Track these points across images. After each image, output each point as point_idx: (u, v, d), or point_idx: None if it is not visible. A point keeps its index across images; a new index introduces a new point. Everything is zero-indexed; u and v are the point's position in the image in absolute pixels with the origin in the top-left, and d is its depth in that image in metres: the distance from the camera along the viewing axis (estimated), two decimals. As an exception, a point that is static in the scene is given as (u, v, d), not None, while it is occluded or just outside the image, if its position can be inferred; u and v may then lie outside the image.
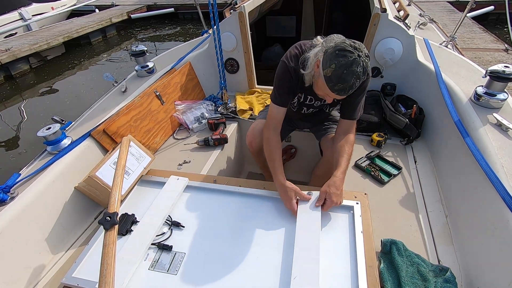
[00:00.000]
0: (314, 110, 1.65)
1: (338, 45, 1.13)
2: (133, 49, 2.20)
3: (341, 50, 1.12)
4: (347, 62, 1.11)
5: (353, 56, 1.10)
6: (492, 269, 1.11)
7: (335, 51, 1.13)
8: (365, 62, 1.13)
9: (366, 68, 1.14)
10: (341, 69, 1.11)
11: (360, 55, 1.12)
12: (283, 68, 1.40)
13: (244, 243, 1.20)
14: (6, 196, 1.27)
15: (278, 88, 1.45)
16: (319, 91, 1.31)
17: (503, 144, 1.32)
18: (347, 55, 1.11)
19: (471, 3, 2.59)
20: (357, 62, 1.11)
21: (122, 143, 1.25)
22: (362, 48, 1.14)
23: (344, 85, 1.14)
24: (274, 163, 1.42)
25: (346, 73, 1.11)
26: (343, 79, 1.13)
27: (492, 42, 5.39)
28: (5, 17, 7.78)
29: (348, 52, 1.11)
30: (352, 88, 1.16)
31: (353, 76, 1.12)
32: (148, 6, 10.33)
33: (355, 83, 1.15)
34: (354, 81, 1.13)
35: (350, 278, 1.06)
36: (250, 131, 1.75)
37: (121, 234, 1.24)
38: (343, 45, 1.12)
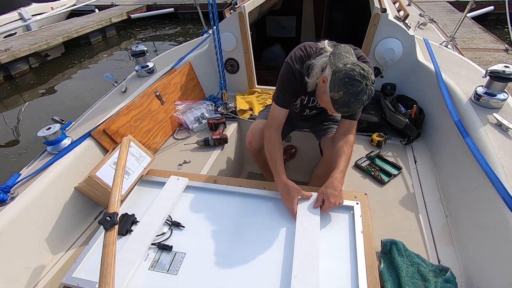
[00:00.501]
0: (316, 111, 1.65)
1: (348, 73, 1.14)
2: (133, 49, 2.19)
3: (350, 79, 1.13)
4: (355, 92, 1.14)
5: (361, 86, 1.13)
6: (492, 269, 1.11)
7: (345, 79, 1.14)
8: (371, 90, 1.17)
9: (371, 95, 1.18)
10: (349, 97, 1.15)
11: (367, 84, 1.15)
12: (288, 69, 1.39)
13: (244, 243, 1.20)
14: (6, 196, 1.27)
15: (282, 89, 1.44)
16: (323, 104, 1.33)
17: (503, 144, 1.32)
18: (356, 84, 1.13)
19: (471, 3, 2.59)
20: (364, 91, 1.15)
21: (122, 143, 1.25)
22: (369, 75, 1.16)
23: (349, 109, 1.19)
24: (276, 162, 1.42)
25: (353, 101, 1.15)
26: (348, 106, 1.17)
27: (492, 42, 5.39)
28: (5, 17, 7.78)
29: (357, 81, 1.13)
30: (355, 111, 1.23)
31: (359, 103, 1.16)
32: (148, 6, 10.33)
33: (359, 108, 1.21)
34: (359, 106, 1.19)
35: (350, 278, 1.06)
36: (250, 131, 1.75)
37: (121, 234, 1.24)
38: (353, 74, 1.13)
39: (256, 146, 1.73)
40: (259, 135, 1.68)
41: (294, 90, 1.43)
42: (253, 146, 1.75)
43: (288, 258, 1.13)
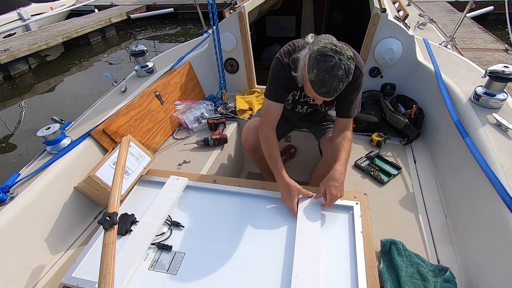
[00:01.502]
0: (309, 108, 1.64)
1: (320, 50, 1.15)
2: (132, 49, 2.19)
3: (322, 55, 1.14)
4: (328, 67, 1.12)
5: (333, 61, 1.12)
6: (491, 269, 1.11)
7: (317, 56, 1.15)
8: (347, 65, 1.14)
9: (349, 70, 1.15)
10: (323, 74, 1.13)
11: (341, 58, 1.13)
12: (277, 63, 1.41)
13: (244, 243, 1.20)
14: (5, 196, 1.27)
15: (273, 83, 1.45)
16: (308, 93, 1.33)
17: (503, 144, 1.32)
18: (328, 59, 1.12)
19: (470, 3, 2.59)
20: (338, 66, 1.12)
21: (122, 143, 1.25)
22: (345, 51, 1.15)
23: (327, 88, 1.16)
24: (276, 161, 1.41)
25: (328, 77, 1.13)
26: (325, 83, 1.14)
27: (492, 42, 5.40)
28: (4, 17, 7.77)
29: (328, 56, 1.12)
30: (336, 91, 1.17)
31: (335, 79, 1.13)
32: (147, 6, 10.32)
33: (338, 86, 1.16)
34: (337, 84, 1.15)
35: (350, 278, 1.06)
36: (245, 128, 1.76)
37: (120, 234, 1.24)
38: (324, 50, 1.14)
39: (252, 143, 1.73)
40: (254, 133, 1.69)
41: (285, 84, 1.43)
42: (248, 144, 1.75)
43: (288, 258, 1.13)
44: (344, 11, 4.08)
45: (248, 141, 1.74)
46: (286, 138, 2.23)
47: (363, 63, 1.38)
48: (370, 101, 2.21)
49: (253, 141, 1.72)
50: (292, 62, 1.34)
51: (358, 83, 1.38)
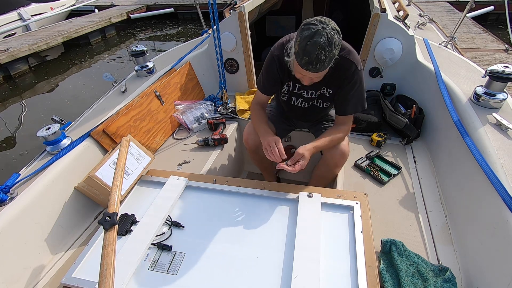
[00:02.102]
0: (304, 102, 1.63)
1: (304, 23, 1.16)
2: (132, 49, 2.19)
3: (306, 24, 1.15)
4: (310, 34, 1.12)
5: (316, 28, 1.12)
6: (491, 269, 1.11)
7: (302, 26, 1.16)
8: (330, 34, 1.12)
9: (332, 40, 1.13)
10: (305, 41, 1.13)
11: (324, 27, 1.13)
12: (269, 57, 1.48)
13: (244, 243, 1.20)
14: (5, 196, 1.27)
15: (263, 75, 1.53)
16: (296, 73, 1.32)
17: (503, 144, 1.32)
18: (311, 27, 1.13)
19: (470, 3, 2.59)
20: (320, 33, 1.12)
21: (122, 143, 1.25)
22: (329, 22, 1.15)
23: (309, 57, 1.14)
24: (261, 126, 1.50)
25: (310, 44, 1.12)
26: (307, 51, 1.13)
27: (492, 43, 5.39)
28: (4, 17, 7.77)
29: (311, 25, 1.13)
30: (318, 60, 1.14)
31: (317, 46, 1.11)
32: (147, 6, 10.32)
33: (320, 55, 1.13)
34: (319, 52, 1.12)
35: (350, 278, 1.06)
36: (246, 128, 1.77)
37: (121, 234, 1.24)
38: (309, 20, 1.16)
39: (253, 143, 1.74)
40: (255, 133, 1.69)
41: (275, 77, 1.49)
42: (249, 144, 1.76)
43: (288, 258, 1.13)
44: (344, 11, 4.07)
45: (249, 141, 1.74)
46: (286, 138, 2.23)
47: (360, 60, 1.38)
48: (370, 101, 2.21)
49: (254, 141, 1.72)
50: (285, 51, 1.35)
51: (355, 80, 1.38)
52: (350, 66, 1.34)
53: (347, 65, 1.35)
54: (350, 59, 1.34)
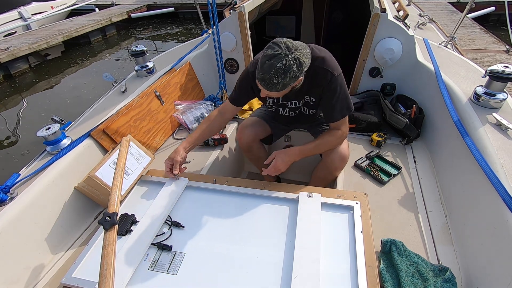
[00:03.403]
0: (291, 111, 1.64)
1: (275, 40, 1.17)
2: (132, 49, 2.19)
3: (274, 43, 1.16)
4: (271, 54, 1.14)
5: (278, 51, 1.13)
6: (491, 269, 1.11)
7: (270, 43, 1.18)
8: (289, 62, 1.13)
9: (288, 69, 1.13)
10: (265, 59, 1.15)
11: (287, 54, 1.13)
12: (245, 72, 1.50)
13: (244, 243, 1.20)
14: (5, 196, 1.27)
15: (237, 89, 1.55)
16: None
17: (503, 144, 1.32)
18: (275, 47, 1.14)
19: (470, 3, 2.59)
20: (279, 58, 1.13)
21: (122, 143, 1.25)
22: (295, 51, 1.15)
23: (263, 75, 1.16)
24: (193, 132, 1.56)
25: (267, 64, 1.14)
26: (263, 69, 1.15)
27: (493, 43, 5.38)
28: (5, 16, 7.78)
29: (277, 46, 1.14)
30: (270, 82, 1.15)
31: (272, 69, 1.13)
32: (148, 6, 10.32)
33: (273, 78, 1.14)
34: (272, 75, 1.14)
35: (350, 278, 1.06)
36: (240, 127, 1.80)
37: (121, 234, 1.24)
38: (279, 40, 1.16)
39: (245, 141, 1.77)
40: (247, 131, 1.74)
41: (248, 93, 1.53)
42: (242, 142, 1.78)
43: (288, 258, 1.13)
44: (344, 11, 4.07)
45: (242, 140, 1.77)
46: (286, 138, 2.23)
47: (336, 65, 1.36)
48: (370, 101, 2.21)
49: (247, 139, 1.75)
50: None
51: (334, 87, 1.36)
52: (326, 74, 1.33)
53: (322, 73, 1.34)
54: (324, 68, 1.33)
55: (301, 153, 1.42)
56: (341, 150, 1.56)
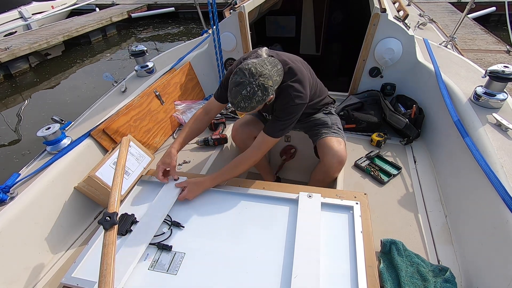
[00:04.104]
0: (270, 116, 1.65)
1: (242, 64, 1.22)
2: (132, 49, 2.20)
3: (239, 69, 1.21)
4: (237, 82, 1.20)
5: (243, 79, 1.19)
6: (491, 269, 1.11)
7: (236, 68, 1.22)
8: (253, 89, 1.19)
9: (253, 95, 1.19)
10: (232, 84, 1.22)
11: (251, 81, 1.18)
12: (229, 70, 1.50)
13: (244, 243, 1.20)
14: (5, 196, 1.27)
15: (222, 86, 1.55)
16: None
17: (503, 144, 1.32)
18: (240, 75, 1.20)
19: (470, 3, 2.59)
20: (244, 86, 1.19)
21: (122, 143, 1.25)
22: (262, 78, 1.19)
23: (232, 99, 1.24)
24: (181, 133, 1.55)
25: (234, 91, 1.22)
26: (231, 94, 1.23)
27: (494, 44, 5.38)
28: (5, 15, 7.79)
29: (242, 73, 1.20)
30: (239, 106, 1.23)
31: (238, 95, 1.20)
32: (148, 6, 10.32)
33: (240, 103, 1.22)
34: (239, 100, 1.21)
35: (350, 278, 1.06)
36: (234, 126, 1.82)
37: (120, 234, 1.24)
38: (244, 66, 1.20)
39: (240, 139, 1.79)
40: (240, 129, 1.77)
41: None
42: (237, 141, 1.81)
43: (288, 258, 1.13)
44: (344, 11, 4.07)
45: (236, 138, 1.79)
46: (286, 138, 2.23)
47: (306, 93, 1.38)
48: (370, 101, 2.21)
49: (241, 137, 1.78)
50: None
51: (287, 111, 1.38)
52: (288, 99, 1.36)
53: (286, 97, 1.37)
54: (290, 93, 1.35)
55: (213, 181, 1.42)
56: (339, 153, 1.56)
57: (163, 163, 1.46)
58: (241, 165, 1.44)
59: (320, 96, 1.70)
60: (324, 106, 1.78)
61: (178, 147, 1.52)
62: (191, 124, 1.58)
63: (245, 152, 1.47)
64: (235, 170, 1.43)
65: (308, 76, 1.47)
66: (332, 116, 1.77)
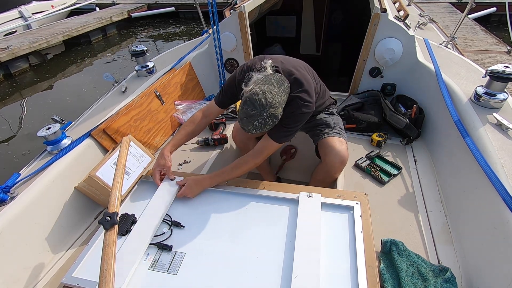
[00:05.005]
0: None
1: (251, 95, 1.20)
2: (133, 49, 2.20)
3: (249, 100, 1.20)
4: (248, 113, 1.21)
5: (254, 111, 1.19)
6: (492, 269, 1.11)
7: (246, 97, 1.21)
8: (265, 120, 1.20)
9: (264, 124, 1.21)
10: (243, 115, 1.23)
11: (261, 113, 1.19)
12: (232, 77, 1.51)
13: (244, 243, 1.21)
14: (6, 196, 1.27)
15: (223, 91, 1.55)
16: None
17: (503, 144, 1.32)
18: (250, 107, 1.19)
19: (470, 3, 2.59)
20: (255, 118, 1.20)
21: (122, 143, 1.25)
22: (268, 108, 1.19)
23: (244, 127, 1.25)
24: (176, 135, 1.55)
25: (245, 121, 1.23)
26: (244, 122, 1.24)
27: (494, 44, 5.37)
28: (5, 15, 7.79)
29: (252, 105, 1.19)
30: (251, 132, 1.25)
31: (250, 125, 1.22)
32: (148, 5, 10.33)
33: (252, 131, 1.24)
34: (251, 128, 1.23)
35: (350, 278, 1.06)
36: (234, 126, 1.82)
37: (121, 234, 1.24)
38: (253, 97, 1.19)
39: (240, 140, 1.79)
40: (241, 130, 1.74)
41: (232, 96, 1.53)
42: (237, 141, 1.81)
43: (288, 258, 1.13)
44: (344, 11, 4.07)
45: (237, 138, 1.80)
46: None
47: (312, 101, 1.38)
48: (370, 101, 2.21)
49: (241, 137, 1.78)
50: (245, 78, 1.38)
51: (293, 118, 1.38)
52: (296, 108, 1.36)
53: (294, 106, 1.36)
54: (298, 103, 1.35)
55: (212, 180, 1.42)
56: (341, 153, 1.56)
57: (158, 166, 1.46)
58: (242, 167, 1.44)
59: (323, 98, 1.70)
60: (326, 107, 1.78)
61: (171, 148, 1.51)
62: (186, 127, 1.57)
63: (247, 154, 1.46)
64: (235, 171, 1.43)
65: (313, 83, 1.47)
66: (334, 116, 1.77)
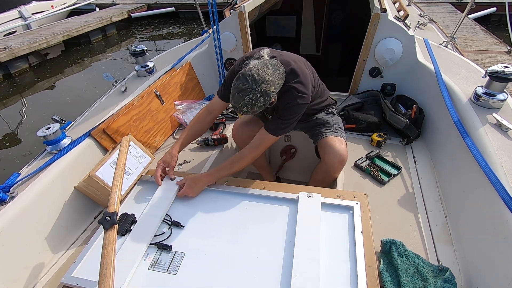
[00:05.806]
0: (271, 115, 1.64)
1: (245, 70, 1.22)
2: (133, 49, 2.20)
3: (242, 74, 1.21)
4: (239, 88, 1.22)
5: (245, 85, 1.20)
6: (491, 269, 1.11)
7: (239, 73, 1.23)
8: (256, 96, 1.20)
9: (255, 101, 1.21)
10: (234, 90, 1.24)
11: (254, 88, 1.19)
12: (231, 70, 1.52)
13: (244, 243, 1.21)
14: (5, 196, 1.27)
15: (224, 84, 1.56)
16: None
17: (503, 144, 1.32)
18: (243, 81, 1.21)
19: (470, 3, 2.59)
20: (246, 92, 1.20)
21: (122, 143, 1.25)
22: (264, 84, 1.20)
23: (235, 104, 1.25)
24: (182, 134, 1.56)
25: (236, 96, 1.23)
26: (234, 99, 1.25)
27: (494, 44, 5.37)
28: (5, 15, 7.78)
29: (245, 79, 1.20)
30: (241, 110, 1.25)
31: (240, 101, 1.22)
32: (148, 5, 10.32)
33: (242, 108, 1.24)
34: (242, 106, 1.23)
35: (350, 278, 1.06)
36: (234, 125, 1.83)
37: (120, 234, 1.24)
38: (246, 72, 1.21)
39: (240, 138, 1.80)
40: (240, 129, 1.78)
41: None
42: (237, 140, 1.82)
43: (288, 258, 1.13)
44: (344, 11, 4.07)
45: (237, 137, 1.80)
46: (286, 138, 2.23)
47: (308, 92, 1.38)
48: (370, 101, 2.21)
49: (241, 136, 1.78)
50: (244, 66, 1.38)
51: (289, 109, 1.38)
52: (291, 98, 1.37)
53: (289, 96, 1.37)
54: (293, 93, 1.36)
55: (211, 176, 1.43)
56: (340, 152, 1.56)
57: (163, 162, 1.48)
58: (239, 162, 1.45)
59: (321, 96, 1.70)
60: (326, 107, 1.78)
61: (179, 148, 1.52)
62: (193, 125, 1.59)
63: (244, 148, 1.47)
64: (234, 165, 1.44)
65: (310, 77, 1.47)
66: (333, 116, 1.77)
